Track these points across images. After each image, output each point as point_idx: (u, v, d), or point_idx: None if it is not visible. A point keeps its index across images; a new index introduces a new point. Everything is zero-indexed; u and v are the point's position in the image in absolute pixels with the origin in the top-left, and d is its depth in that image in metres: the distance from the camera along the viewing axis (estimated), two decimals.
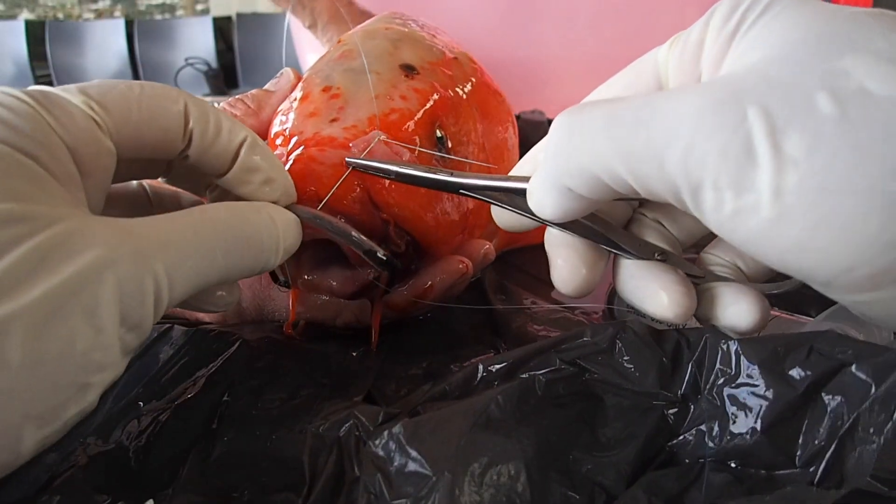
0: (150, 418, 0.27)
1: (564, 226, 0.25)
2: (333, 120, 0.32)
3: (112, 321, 0.19)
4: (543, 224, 0.26)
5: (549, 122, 0.69)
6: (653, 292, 0.24)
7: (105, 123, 0.22)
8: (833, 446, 0.20)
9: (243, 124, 0.26)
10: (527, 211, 0.26)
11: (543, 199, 0.22)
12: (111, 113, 0.22)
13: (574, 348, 0.25)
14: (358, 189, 0.30)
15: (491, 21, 0.81)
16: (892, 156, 0.16)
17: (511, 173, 0.28)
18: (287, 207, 0.27)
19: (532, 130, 0.66)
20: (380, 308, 0.34)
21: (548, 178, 0.22)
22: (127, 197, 0.28)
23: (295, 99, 0.34)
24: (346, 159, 0.29)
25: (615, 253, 0.25)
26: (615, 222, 0.26)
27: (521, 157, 0.48)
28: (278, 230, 0.25)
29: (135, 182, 0.28)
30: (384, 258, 0.29)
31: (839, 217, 0.16)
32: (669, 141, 0.17)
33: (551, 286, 0.45)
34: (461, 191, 0.27)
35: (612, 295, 0.38)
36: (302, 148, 0.30)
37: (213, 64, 3.01)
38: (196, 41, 3.15)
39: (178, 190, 0.29)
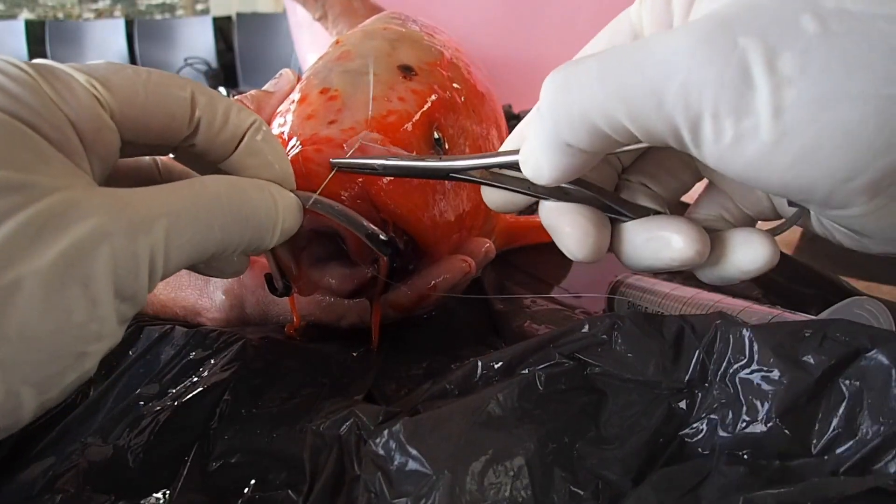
0: (151, 418, 0.27)
1: (559, 197, 0.25)
2: (331, 122, 0.32)
3: (107, 293, 0.19)
4: (536, 198, 0.25)
5: None
6: (665, 239, 0.24)
7: (107, 103, 0.22)
8: (874, 443, 0.20)
9: (250, 111, 0.26)
10: (519, 186, 0.25)
11: (540, 161, 0.22)
12: (115, 94, 0.22)
13: (572, 342, 0.25)
14: (356, 190, 0.30)
15: (491, 21, 0.81)
16: (880, 63, 0.16)
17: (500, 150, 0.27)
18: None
19: None
20: (379, 308, 0.34)
21: (545, 135, 0.21)
22: (138, 171, 0.28)
23: (293, 101, 0.34)
24: (331, 160, 0.29)
25: (613, 217, 0.25)
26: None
27: None
28: (278, 210, 0.25)
29: (147, 157, 0.28)
30: (386, 239, 0.28)
31: (837, 126, 0.17)
32: (666, 78, 0.18)
33: (551, 285, 0.45)
34: (451, 175, 0.27)
35: (614, 292, 0.38)
36: (299, 148, 0.30)
37: (213, 64, 3.01)
38: (196, 41, 3.14)
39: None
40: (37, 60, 0.21)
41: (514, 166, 0.24)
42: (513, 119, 0.78)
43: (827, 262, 0.42)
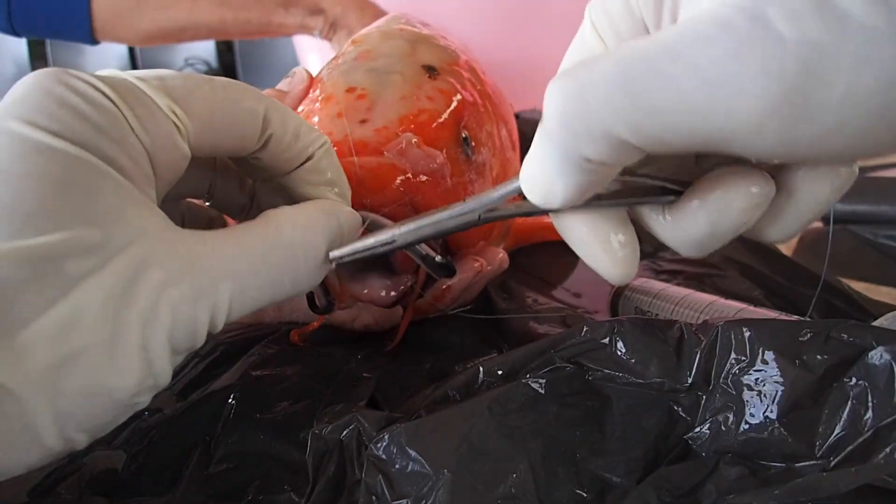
0: (154, 422, 0.27)
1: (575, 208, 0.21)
2: (363, 121, 0.31)
3: (164, 352, 0.19)
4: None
5: None
6: (726, 194, 0.20)
7: (185, 129, 0.22)
8: (867, 435, 0.20)
9: (320, 130, 0.26)
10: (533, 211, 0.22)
11: (554, 180, 0.19)
12: (193, 118, 0.22)
13: (573, 346, 0.25)
14: (402, 194, 0.30)
15: (491, 21, 0.81)
16: None
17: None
18: None
19: (532, 130, 0.65)
20: (410, 312, 0.34)
21: (557, 151, 0.19)
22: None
23: (317, 99, 0.34)
24: (331, 254, 0.24)
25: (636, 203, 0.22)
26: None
27: (521, 154, 0.48)
28: (344, 234, 0.24)
29: None
30: (444, 262, 0.27)
31: None
32: (709, 84, 0.16)
33: (553, 285, 0.45)
34: (483, 217, 0.23)
35: (616, 298, 0.38)
36: (334, 148, 0.30)
37: (214, 64, 3.00)
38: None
39: None
40: (120, 77, 0.21)
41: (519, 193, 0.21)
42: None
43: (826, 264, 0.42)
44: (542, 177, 0.20)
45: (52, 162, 0.18)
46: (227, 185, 0.28)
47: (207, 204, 0.29)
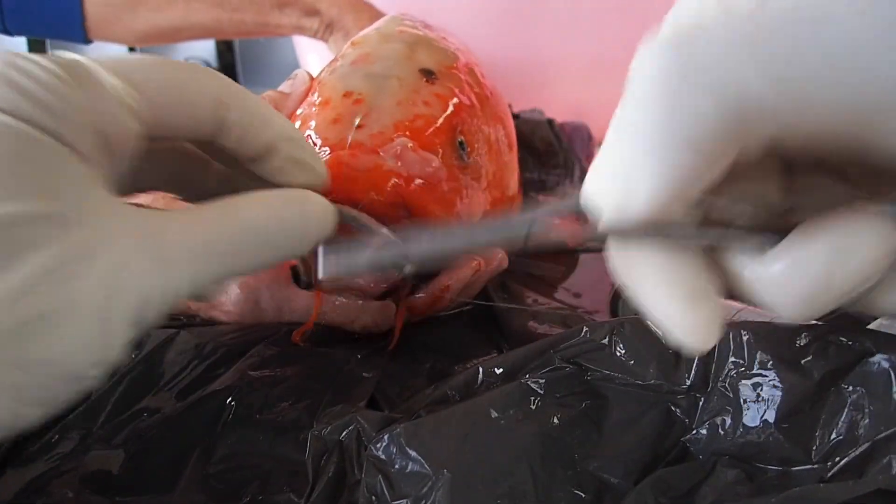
0: (154, 422, 0.27)
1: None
2: (359, 126, 0.32)
3: (122, 325, 0.19)
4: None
5: (549, 121, 0.69)
6: (844, 242, 0.16)
7: (138, 107, 0.22)
8: (864, 447, 0.20)
9: (282, 115, 0.25)
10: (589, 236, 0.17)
11: (637, 175, 0.15)
12: (145, 97, 0.22)
13: (573, 346, 0.25)
14: (389, 193, 0.30)
15: (491, 21, 0.81)
16: None
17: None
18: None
19: (531, 130, 0.66)
20: (404, 310, 0.34)
21: (651, 126, 0.14)
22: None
23: (314, 104, 0.34)
24: (321, 271, 0.23)
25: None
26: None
27: (518, 154, 0.48)
28: (310, 225, 0.24)
29: None
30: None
31: None
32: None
33: (553, 285, 0.45)
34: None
35: (616, 299, 0.38)
36: (328, 151, 0.30)
37: (214, 64, 3.00)
38: (196, 41, 3.13)
39: None
40: (71, 58, 0.21)
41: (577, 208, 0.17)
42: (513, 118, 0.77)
43: None
44: (621, 171, 0.15)
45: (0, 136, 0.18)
46: (192, 173, 0.28)
47: (177, 197, 0.29)
